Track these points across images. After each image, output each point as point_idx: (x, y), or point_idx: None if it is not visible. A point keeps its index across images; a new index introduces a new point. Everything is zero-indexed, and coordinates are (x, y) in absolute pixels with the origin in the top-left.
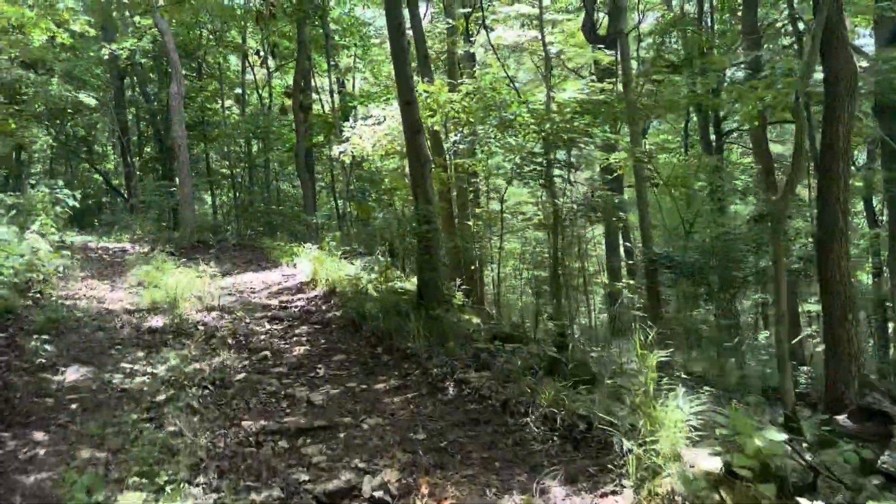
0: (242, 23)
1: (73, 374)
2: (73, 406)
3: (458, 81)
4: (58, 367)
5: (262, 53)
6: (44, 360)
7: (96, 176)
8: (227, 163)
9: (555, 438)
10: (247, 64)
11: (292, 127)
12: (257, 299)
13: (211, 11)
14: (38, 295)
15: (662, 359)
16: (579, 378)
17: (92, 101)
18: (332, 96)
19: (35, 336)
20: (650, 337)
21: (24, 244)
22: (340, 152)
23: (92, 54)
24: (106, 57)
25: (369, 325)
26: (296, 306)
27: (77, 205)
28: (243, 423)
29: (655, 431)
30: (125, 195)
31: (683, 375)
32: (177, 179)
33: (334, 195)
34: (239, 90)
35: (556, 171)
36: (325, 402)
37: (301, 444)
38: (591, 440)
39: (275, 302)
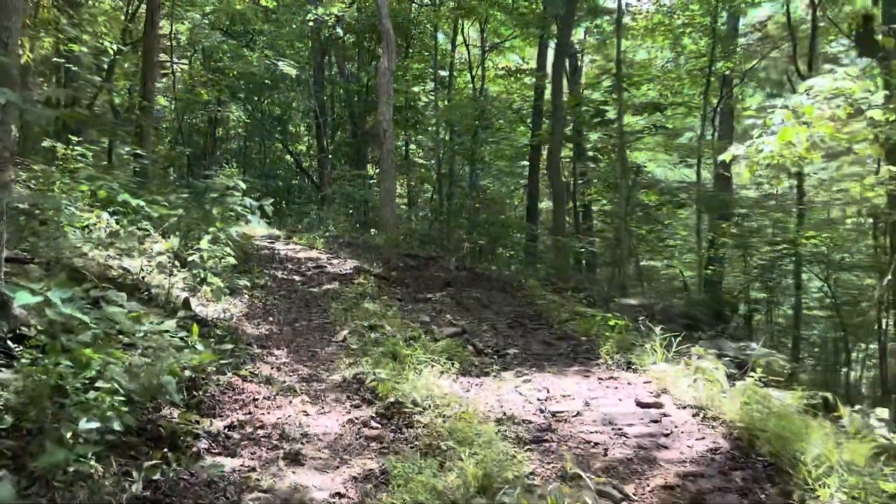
0: None
1: None
2: None
3: None
4: None
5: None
6: None
7: (287, 157)
8: (430, 153)
9: None
10: (458, 40)
11: (518, 115)
12: None
13: None
14: (181, 448)
15: None
16: None
17: (292, 71)
18: (617, 71)
19: None
20: None
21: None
22: (737, 155)
23: (294, 26)
24: (311, 23)
25: None
26: None
27: (269, 220)
28: None
29: None
30: (316, 182)
31: None
32: (369, 168)
33: (574, 210)
34: (443, 72)
35: None
36: None
37: None
38: None
39: None
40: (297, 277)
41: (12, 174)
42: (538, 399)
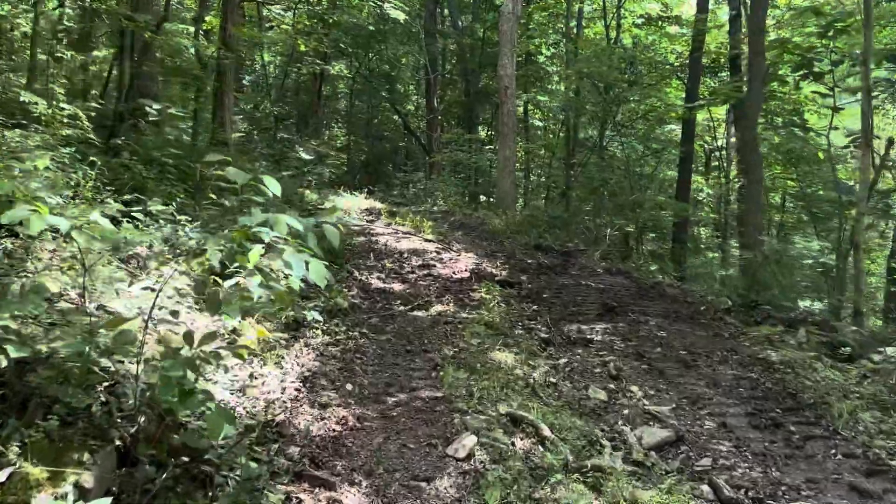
0: None
1: None
2: None
3: None
4: None
5: None
6: None
7: (395, 117)
8: (551, 116)
9: None
10: None
11: (672, 68)
12: None
13: None
14: None
15: None
16: None
17: (401, 15)
18: None
19: None
20: None
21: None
22: None
23: None
24: None
25: None
26: None
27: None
28: None
29: None
30: (424, 145)
31: None
32: (480, 132)
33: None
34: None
35: None
36: None
37: None
38: None
39: None
40: (395, 286)
41: None
42: None
